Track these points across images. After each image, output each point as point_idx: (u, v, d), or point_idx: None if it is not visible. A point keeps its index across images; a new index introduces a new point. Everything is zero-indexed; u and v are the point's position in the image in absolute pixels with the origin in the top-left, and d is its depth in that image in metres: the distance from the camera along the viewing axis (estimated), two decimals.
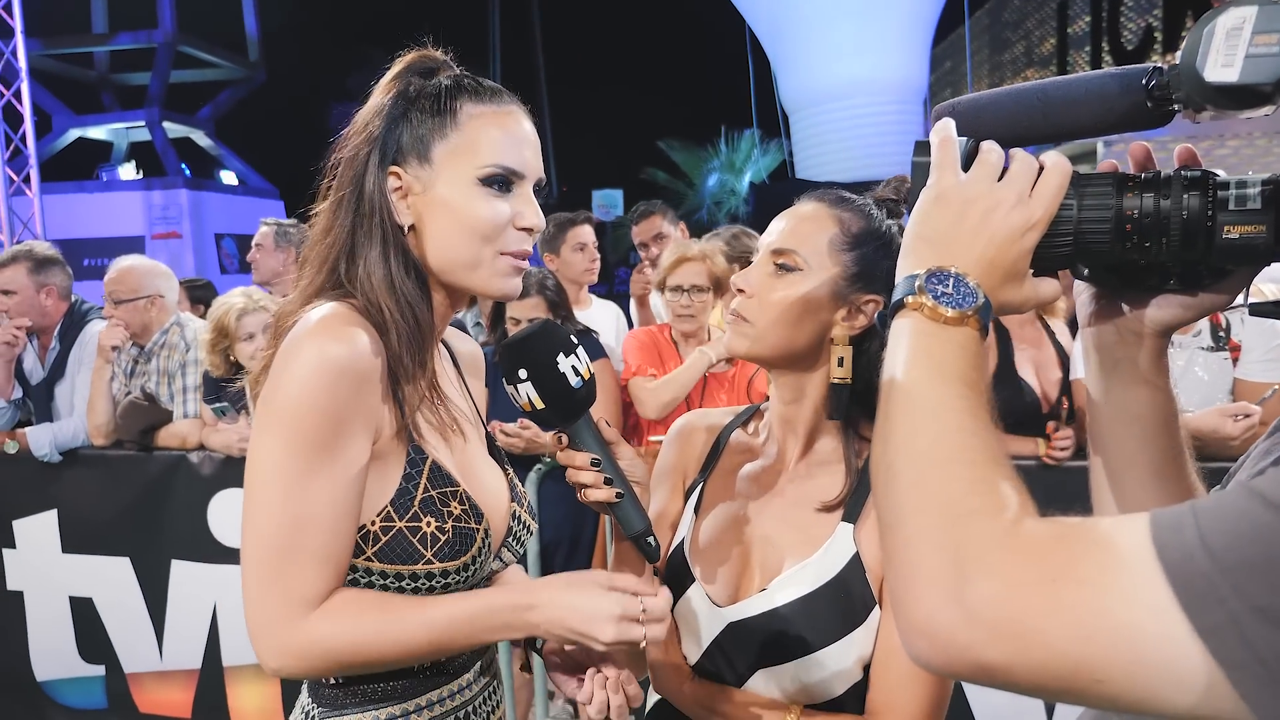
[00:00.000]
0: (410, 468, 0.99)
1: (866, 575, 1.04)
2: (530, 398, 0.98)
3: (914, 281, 0.65)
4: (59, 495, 3.14)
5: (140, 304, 3.05)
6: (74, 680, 3.21)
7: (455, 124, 1.00)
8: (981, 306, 0.64)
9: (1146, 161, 0.72)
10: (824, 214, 1.10)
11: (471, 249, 1.00)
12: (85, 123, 14.53)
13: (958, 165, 0.69)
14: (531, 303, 2.81)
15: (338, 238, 1.02)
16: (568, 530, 2.86)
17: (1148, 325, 0.75)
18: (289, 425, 0.91)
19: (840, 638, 1.03)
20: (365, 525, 0.97)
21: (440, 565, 0.98)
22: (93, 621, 3.15)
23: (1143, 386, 0.76)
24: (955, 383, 0.61)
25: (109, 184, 12.90)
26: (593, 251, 3.40)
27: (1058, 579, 0.51)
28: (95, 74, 15.27)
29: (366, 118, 1.03)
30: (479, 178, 0.99)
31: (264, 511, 0.91)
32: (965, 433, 0.59)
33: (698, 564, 1.12)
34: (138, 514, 3.05)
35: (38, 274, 3.20)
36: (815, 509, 1.09)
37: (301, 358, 0.91)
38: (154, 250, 11.83)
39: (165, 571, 3.06)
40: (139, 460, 3.03)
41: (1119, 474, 0.78)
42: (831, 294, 1.07)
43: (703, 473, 1.19)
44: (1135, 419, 0.77)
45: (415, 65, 1.05)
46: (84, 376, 3.13)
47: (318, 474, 0.91)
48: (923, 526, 0.56)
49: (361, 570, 0.98)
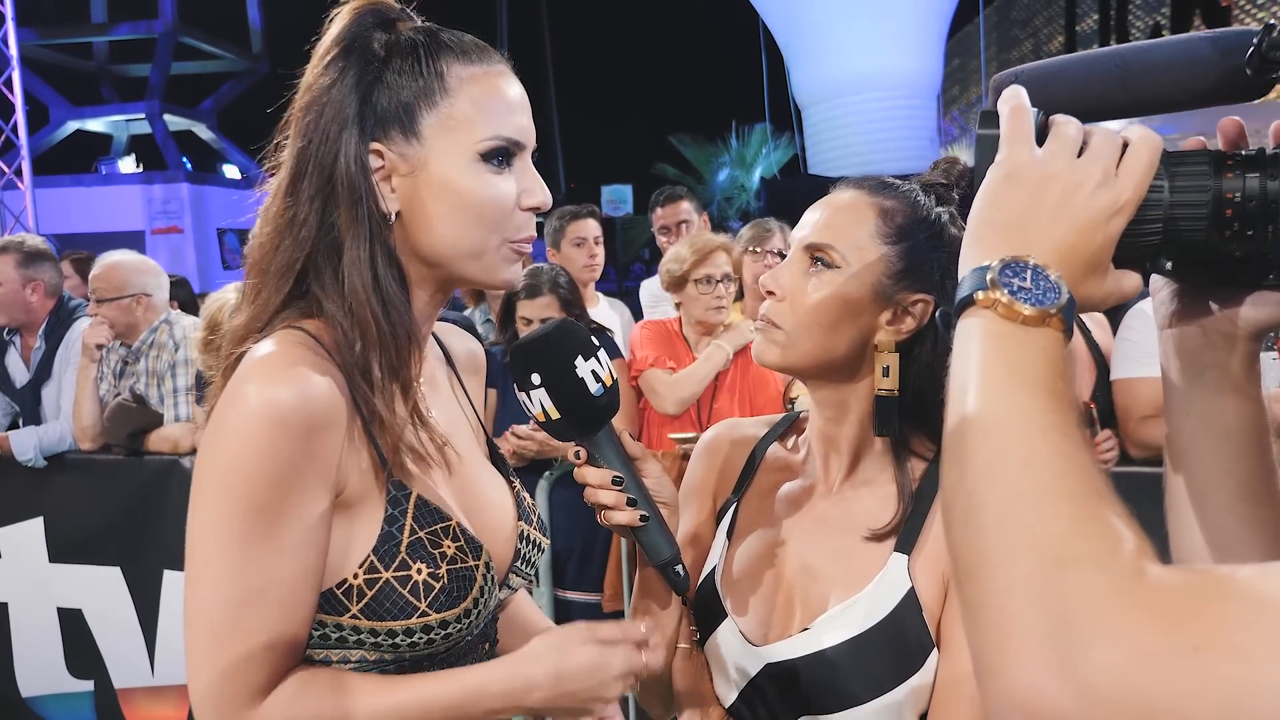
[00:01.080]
0: (392, 508, 0.86)
1: (923, 614, 0.93)
2: (544, 406, 0.87)
3: (985, 274, 0.56)
4: (45, 502, 3.04)
5: (125, 303, 2.94)
6: (61, 696, 3.11)
7: (445, 90, 0.86)
8: (1065, 303, 0.55)
9: (1240, 139, 0.64)
10: (863, 203, 0.99)
11: (477, 236, 0.87)
12: (83, 115, 14.43)
13: (1032, 138, 0.61)
14: (544, 301, 2.68)
15: (305, 236, 0.85)
16: (579, 539, 2.77)
17: (1241, 326, 0.67)
18: (227, 488, 0.78)
19: (894, 686, 0.92)
20: (346, 579, 0.84)
21: (438, 616, 0.85)
22: (82, 634, 3.05)
23: (1232, 396, 0.68)
24: (1042, 394, 0.53)
25: (108, 177, 12.81)
26: (592, 248, 3.30)
27: (1201, 647, 0.42)
28: (94, 65, 15.16)
29: (321, 84, 0.86)
30: (480, 152, 0.86)
31: (204, 588, 0.79)
32: (1061, 456, 0.50)
33: (731, 596, 1.02)
34: (128, 521, 2.95)
35: (26, 268, 3.11)
36: (863, 537, 0.98)
37: (240, 406, 0.79)
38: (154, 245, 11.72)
39: (157, 581, 2.95)
40: (129, 465, 2.93)
41: (1204, 495, 0.70)
42: (874, 294, 0.96)
43: (736, 492, 1.08)
44: (1224, 433, 0.68)
45: (367, 14, 0.87)
46: (71, 377, 3.05)
47: (264, 543, 0.78)
48: (1018, 575, 0.47)
49: (349, 629, 0.85)
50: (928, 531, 0.95)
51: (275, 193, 0.88)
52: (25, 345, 3.20)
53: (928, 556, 0.95)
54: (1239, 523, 0.68)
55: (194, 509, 0.80)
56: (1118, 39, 14.14)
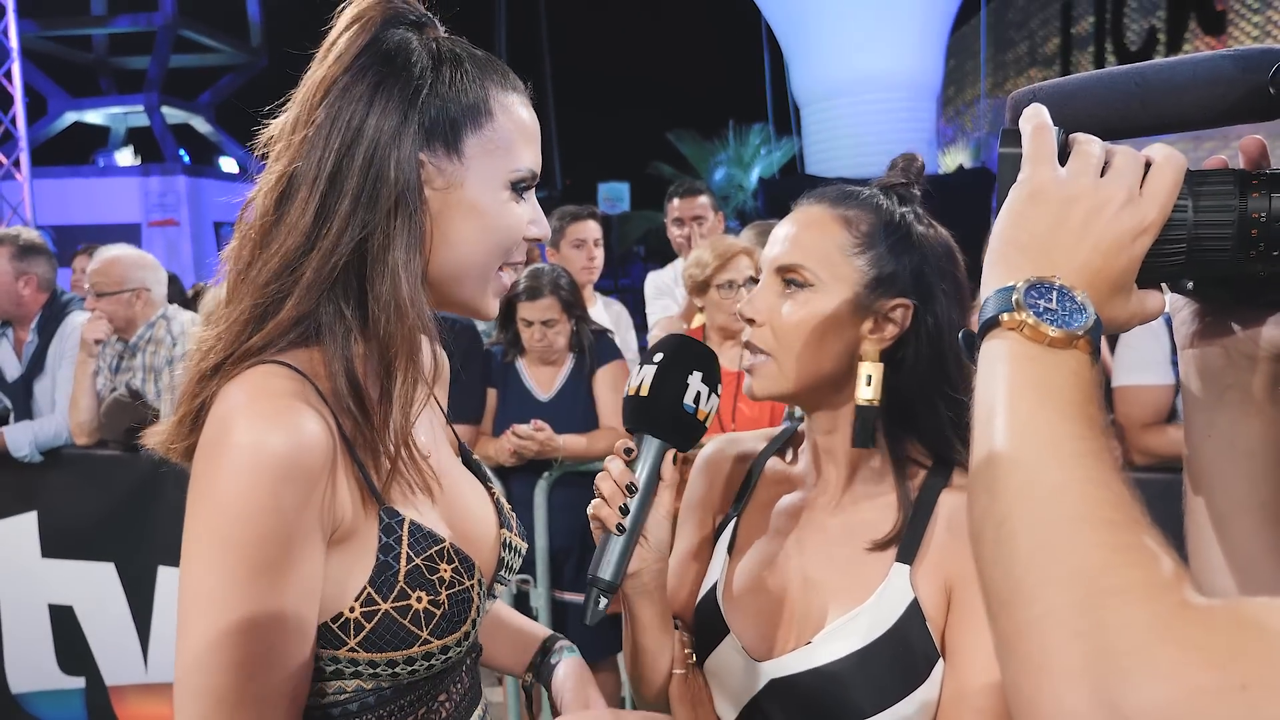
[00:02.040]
0: (386, 536, 0.82)
1: (927, 624, 0.92)
2: (645, 380, 0.92)
3: (1010, 295, 0.55)
4: (39, 497, 3.00)
5: (124, 297, 2.91)
6: (52, 693, 3.07)
7: (489, 113, 0.84)
8: (1093, 325, 0.54)
9: (1262, 158, 0.64)
10: (826, 216, 0.99)
11: (489, 261, 0.86)
12: (82, 106, 14.36)
13: (1055, 157, 0.60)
14: (545, 303, 2.66)
15: (343, 247, 0.79)
16: (578, 540, 2.76)
17: (1263, 347, 0.66)
18: (224, 544, 0.72)
19: (900, 699, 0.90)
20: (342, 613, 0.80)
21: (440, 642, 0.83)
22: (73, 631, 3.02)
23: (1256, 418, 0.67)
24: (1072, 419, 0.51)
25: (105, 169, 12.76)
26: (591, 249, 3.28)
27: (1250, 685, 0.40)
28: (93, 57, 15.09)
29: (357, 86, 0.80)
30: (510, 180, 0.85)
31: (207, 656, 0.72)
32: (1093, 482, 0.49)
33: (732, 612, 1.01)
34: (123, 517, 2.91)
35: (19, 261, 3.09)
36: (864, 548, 0.97)
37: (233, 455, 0.73)
38: (150, 237, 11.68)
39: (151, 578, 2.92)
40: (124, 461, 2.90)
41: (1226, 518, 0.68)
42: (852, 306, 0.96)
43: (735, 508, 1.08)
44: (1247, 455, 0.67)
45: (396, 15, 0.83)
46: (65, 372, 3.01)
47: (267, 602, 0.73)
48: (1056, 606, 0.45)
49: (345, 661, 0.81)
50: (929, 540, 0.94)
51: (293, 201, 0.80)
52: (17, 339, 3.17)
53: (930, 566, 0.94)
54: (1262, 546, 0.67)
55: (189, 569, 0.74)
56: (1113, 41, 14.12)
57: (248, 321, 0.80)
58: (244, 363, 0.79)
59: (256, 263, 0.81)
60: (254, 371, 0.78)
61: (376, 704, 0.83)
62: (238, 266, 0.83)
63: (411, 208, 0.80)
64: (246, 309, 0.80)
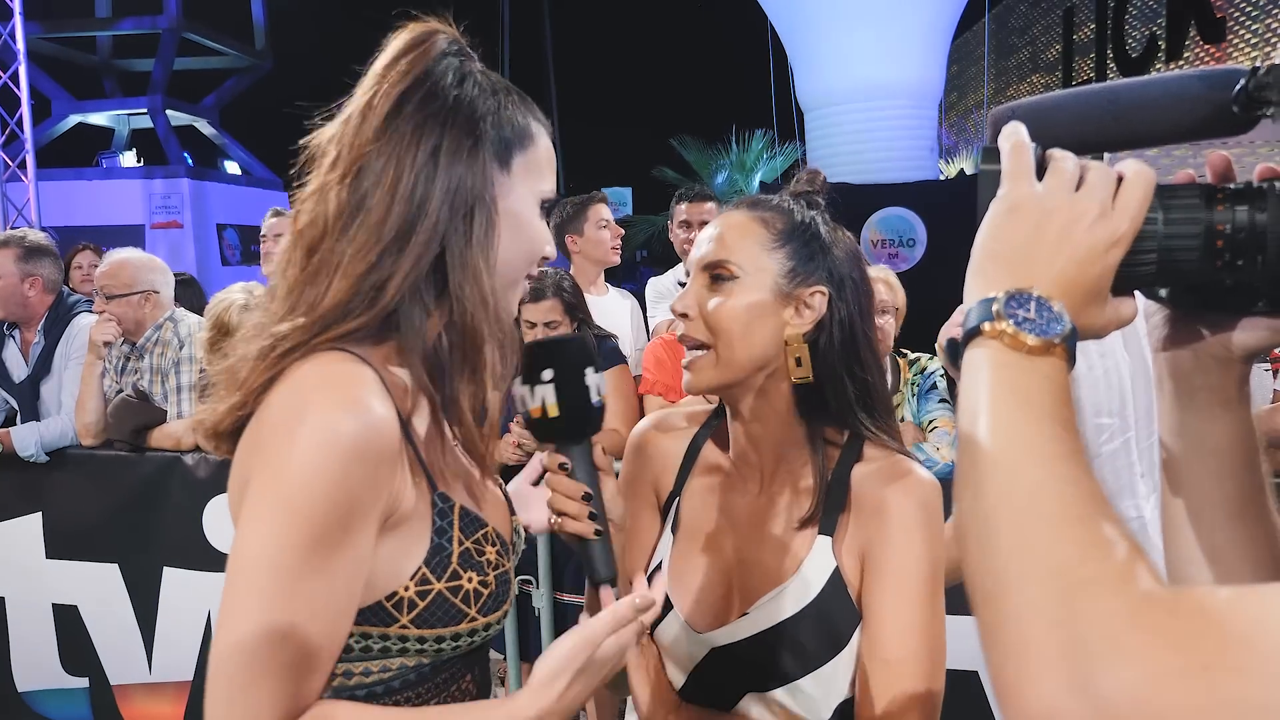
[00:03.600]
0: (440, 519, 0.89)
1: (848, 590, 1.04)
2: (546, 402, 0.92)
3: (990, 305, 0.58)
4: (44, 497, 3.02)
5: (134, 299, 2.94)
6: (57, 692, 3.09)
7: (531, 137, 0.95)
8: (1069, 333, 0.57)
9: (1227, 172, 0.67)
10: (746, 218, 1.10)
11: (520, 270, 0.95)
12: (86, 108, 14.38)
13: (1033, 173, 0.62)
14: (548, 305, 2.69)
15: (432, 242, 0.86)
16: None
17: (1232, 350, 0.69)
18: (289, 513, 0.76)
19: (827, 660, 1.02)
20: (396, 592, 0.86)
21: (485, 620, 0.91)
22: (77, 631, 3.04)
23: (1224, 417, 0.71)
24: (1048, 422, 0.55)
25: (109, 171, 12.78)
26: (616, 228, 3.29)
27: (1211, 666, 0.44)
28: (97, 59, 15.13)
29: (435, 99, 0.88)
30: (540, 199, 0.96)
31: (245, 616, 0.76)
32: (1068, 481, 0.52)
33: (675, 588, 1.11)
34: (128, 518, 2.94)
35: (25, 262, 3.10)
36: (792, 525, 1.07)
37: (308, 433, 0.77)
38: (154, 239, 11.70)
39: (156, 579, 2.94)
40: (130, 462, 2.92)
41: (1197, 514, 0.72)
42: (774, 294, 1.06)
43: (677, 487, 1.17)
44: (1213, 453, 0.71)
45: (444, 44, 0.93)
46: (71, 373, 3.03)
47: (316, 576, 0.77)
48: (1033, 598, 0.49)
49: (394, 638, 0.87)
50: (847, 514, 1.05)
51: (373, 198, 0.86)
52: (24, 340, 3.19)
53: (848, 536, 1.05)
54: (1229, 540, 0.70)
55: (248, 530, 0.78)
56: (1114, 48, 14.16)
57: (336, 307, 0.84)
58: (315, 348, 0.83)
59: (332, 246, 0.86)
60: (323, 356, 0.82)
61: (416, 680, 0.89)
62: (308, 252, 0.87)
63: (489, 210, 0.89)
64: (337, 300, 0.84)
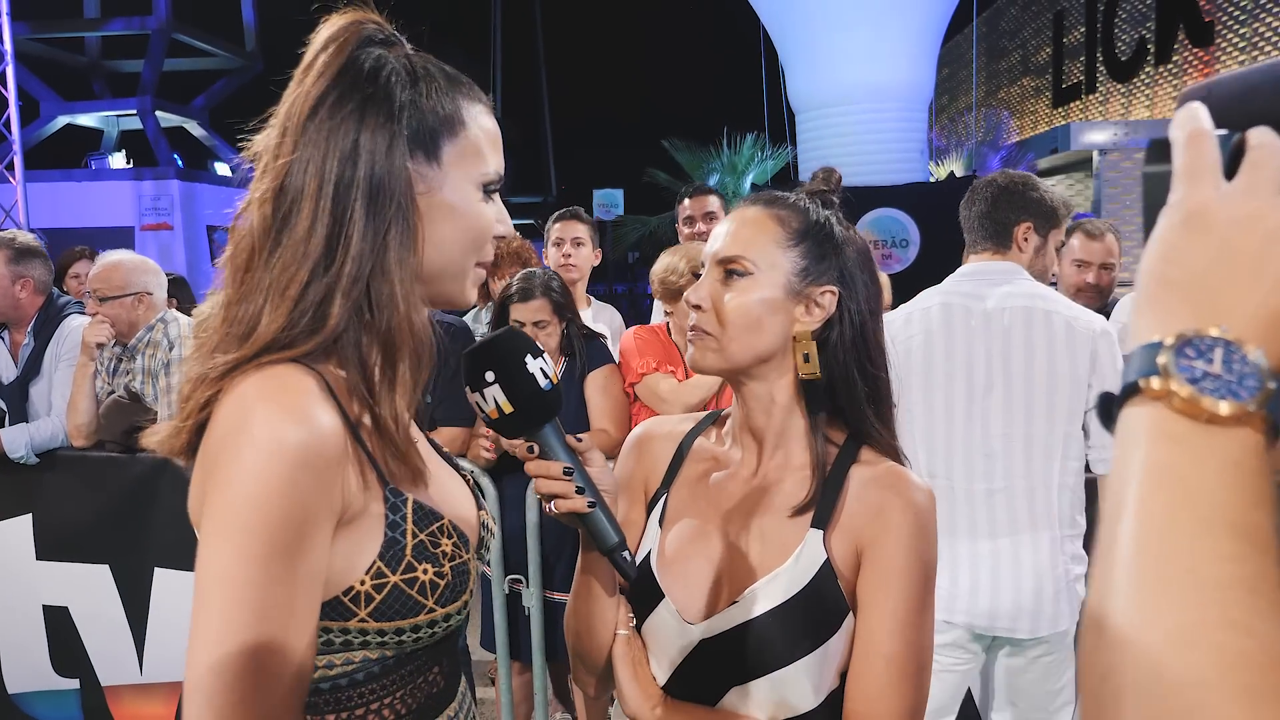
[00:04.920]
0: (392, 514, 0.88)
1: (839, 582, 1.04)
2: (498, 402, 0.94)
3: (1154, 353, 0.42)
4: (34, 499, 3.01)
5: (128, 301, 2.94)
6: (48, 694, 3.09)
7: (462, 122, 0.92)
8: (1269, 394, 0.41)
9: None
10: (762, 215, 1.11)
11: (465, 258, 0.94)
12: (74, 110, 14.32)
13: (1218, 172, 0.46)
14: (537, 304, 2.70)
15: (364, 250, 0.85)
16: (569, 542, 2.76)
17: None
18: (244, 530, 0.77)
19: (815, 648, 1.03)
20: (353, 586, 0.86)
21: (443, 610, 0.91)
22: (67, 632, 3.03)
23: None
24: (1224, 535, 0.39)
25: (98, 173, 12.72)
26: (568, 247, 3.31)
27: None
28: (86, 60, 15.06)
29: (346, 102, 0.86)
30: (481, 184, 0.93)
31: (223, 637, 0.76)
32: (1242, 631, 0.37)
33: (666, 579, 1.10)
34: (119, 519, 2.93)
35: (15, 264, 3.10)
36: (785, 516, 1.08)
37: (253, 446, 0.78)
38: (143, 241, 11.66)
39: (148, 579, 2.93)
40: (121, 463, 2.92)
41: None
42: (786, 291, 1.08)
43: (665, 483, 1.17)
44: None
45: (368, 34, 0.90)
46: (61, 374, 3.02)
47: (282, 585, 0.78)
48: None
49: (355, 632, 0.87)
50: (840, 509, 1.06)
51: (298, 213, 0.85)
52: (14, 342, 3.18)
53: (841, 531, 1.05)
54: None
55: (209, 550, 0.78)
56: (1104, 51, 14.27)
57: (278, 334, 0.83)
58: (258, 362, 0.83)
59: (264, 263, 0.85)
60: (267, 369, 0.82)
61: (381, 673, 0.89)
62: (239, 269, 0.88)
63: (406, 214, 0.87)
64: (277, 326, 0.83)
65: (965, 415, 2.00)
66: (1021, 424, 1.96)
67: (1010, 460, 1.97)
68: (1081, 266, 3.06)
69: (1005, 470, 1.97)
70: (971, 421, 1.99)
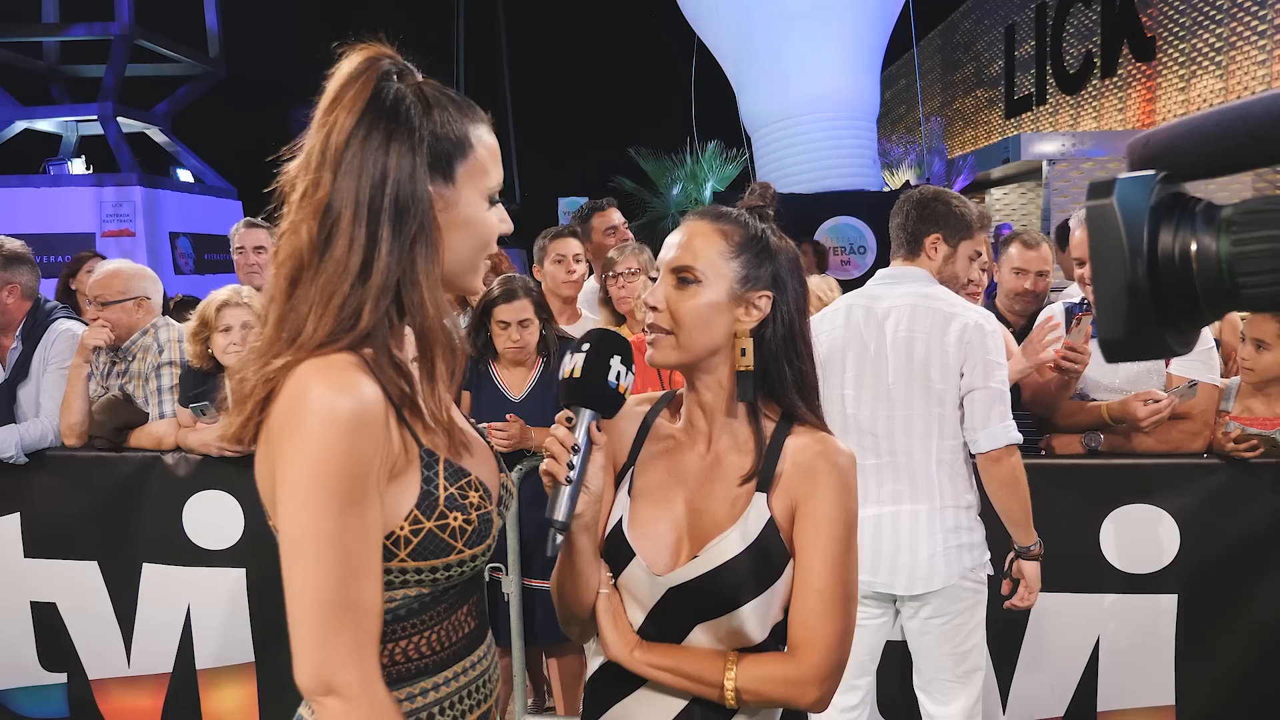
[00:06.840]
0: (427, 469, 1.04)
1: (779, 534, 1.23)
2: (576, 365, 1.17)
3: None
4: (23, 498, 3.06)
5: (128, 305, 3.03)
6: (33, 689, 3.14)
7: (470, 145, 1.06)
8: None
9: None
10: (709, 229, 1.28)
11: (476, 259, 1.10)
12: (33, 115, 14.11)
13: None
14: (520, 304, 2.87)
15: (392, 263, 0.99)
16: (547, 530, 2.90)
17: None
18: (317, 488, 0.93)
19: (764, 590, 1.21)
20: (394, 531, 1.01)
21: (470, 552, 1.06)
22: (55, 628, 3.08)
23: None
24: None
25: (58, 178, 12.55)
26: (571, 264, 3.48)
27: None
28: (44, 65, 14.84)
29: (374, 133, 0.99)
30: (488, 195, 1.08)
31: (316, 574, 0.93)
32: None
33: (636, 540, 1.27)
34: (107, 516, 2.99)
35: (3, 270, 3.12)
36: (734, 483, 1.26)
37: (314, 416, 0.93)
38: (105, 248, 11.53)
39: (135, 575, 3.01)
40: (110, 462, 2.98)
41: None
42: (729, 296, 1.25)
43: (631, 458, 1.34)
44: None
45: (388, 68, 1.03)
46: (50, 377, 3.08)
47: (357, 528, 0.95)
48: None
49: (396, 572, 1.03)
50: (779, 474, 1.25)
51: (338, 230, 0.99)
52: (1, 346, 3.21)
53: (780, 492, 1.25)
54: None
55: (290, 509, 0.94)
56: (1053, 63, 14.78)
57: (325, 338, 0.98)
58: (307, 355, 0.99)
59: (311, 279, 1.00)
60: (316, 357, 0.98)
61: (420, 609, 1.06)
62: (290, 284, 1.02)
63: (428, 230, 1.02)
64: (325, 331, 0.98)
65: (855, 399, 2.27)
66: (901, 406, 2.24)
67: (892, 439, 2.24)
68: (1019, 274, 3.28)
69: (889, 448, 2.25)
70: (860, 404, 2.27)
